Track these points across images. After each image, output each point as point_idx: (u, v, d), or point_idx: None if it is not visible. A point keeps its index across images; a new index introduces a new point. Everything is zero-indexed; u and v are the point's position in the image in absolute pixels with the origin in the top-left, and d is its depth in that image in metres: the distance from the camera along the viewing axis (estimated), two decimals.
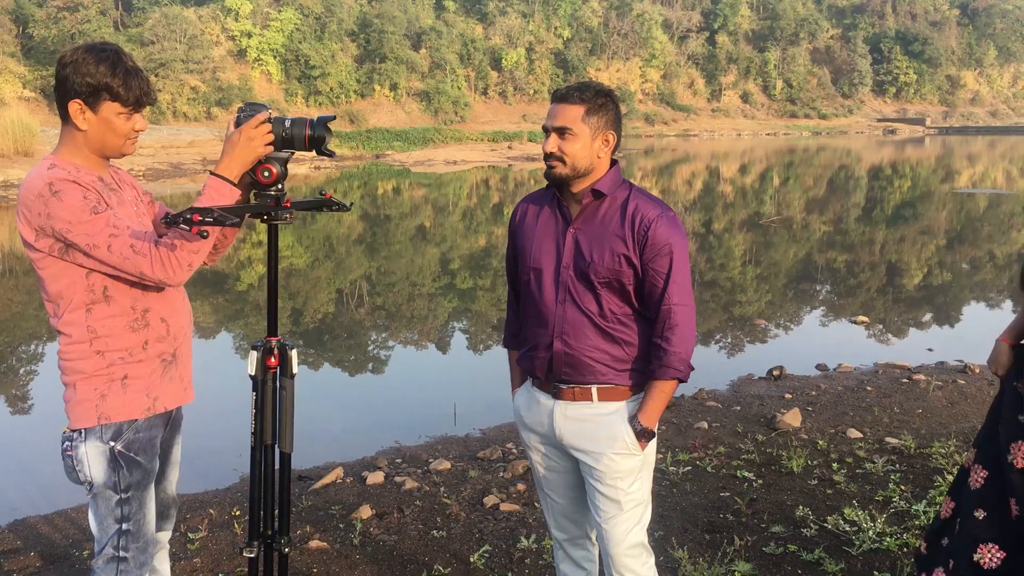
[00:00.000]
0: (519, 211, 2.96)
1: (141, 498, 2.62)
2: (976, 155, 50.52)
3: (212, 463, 5.87)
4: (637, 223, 2.67)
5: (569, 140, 2.67)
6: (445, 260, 16.39)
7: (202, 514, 4.83)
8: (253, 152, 2.47)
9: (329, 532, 4.49)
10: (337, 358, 9.72)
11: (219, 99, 54.78)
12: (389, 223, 21.57)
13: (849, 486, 4.94)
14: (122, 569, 2.62)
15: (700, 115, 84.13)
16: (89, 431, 2.52)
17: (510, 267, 3.04)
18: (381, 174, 36.08)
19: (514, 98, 74.48)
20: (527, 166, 39.25)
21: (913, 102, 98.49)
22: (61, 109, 2.48)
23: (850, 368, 8.30)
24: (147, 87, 2.51)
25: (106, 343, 2.52)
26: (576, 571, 3.09)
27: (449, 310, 12.10)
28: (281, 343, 2.63)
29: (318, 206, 2.60)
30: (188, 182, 30.00)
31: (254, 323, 11.03)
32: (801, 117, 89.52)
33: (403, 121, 61.47)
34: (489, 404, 7.19)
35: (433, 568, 4.03)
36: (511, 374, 3.11)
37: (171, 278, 2.43)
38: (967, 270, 15.42)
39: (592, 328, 2.73)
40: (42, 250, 2.44)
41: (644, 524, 2.84)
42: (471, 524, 4.60)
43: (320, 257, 16.70)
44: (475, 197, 28.94)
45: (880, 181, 34.80)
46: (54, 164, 2.46)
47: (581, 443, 2.79)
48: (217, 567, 4.11)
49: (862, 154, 52.83)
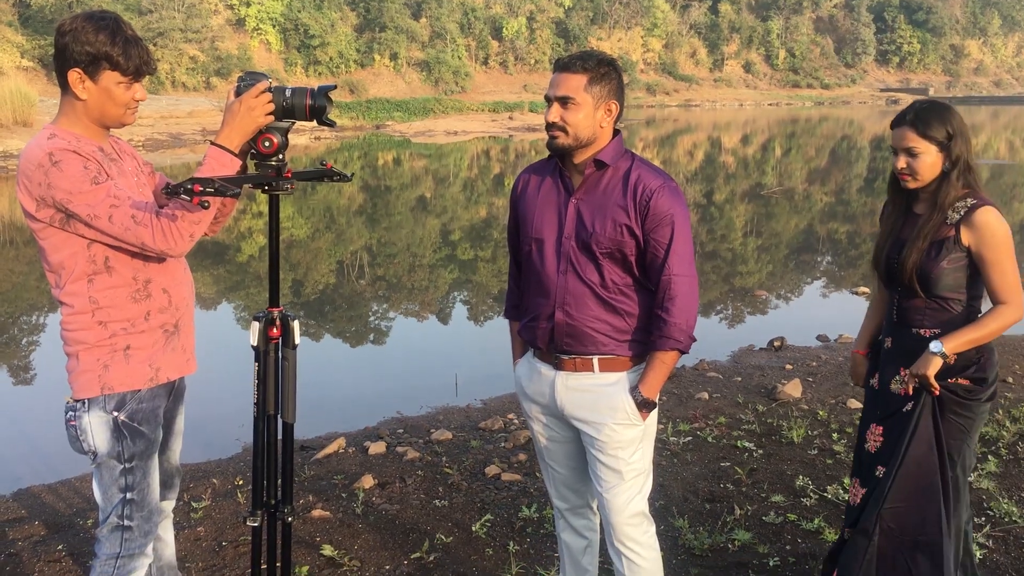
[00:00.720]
0: (520, 182, 2.95)
1: (145, 468, 2.63)
2: (979, 125, 50.27)
3: (214, 433, 5.90)
4: (639, 193, 2.66)
5: (572, 110, 2.65)
6: (446, 231, 16.36)
7: (205, 484, 4.86)
8: (254, 122, 2.46)
9: (332, 501, 4.52)
10: (338, 329, 9.74)
11: (218, 69, 54.38)
12: (389, 194, 21.52)
13: (849, 456, 4.96)
14: (126, 538, 2.64)
15: (702, 85, 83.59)
16: (92, 401, 2.53)
17: (511, 238, 3.03)
18: (381, 145, 35.95)
19: (515, 68, 73.95)
20: (528, 136, 39.09)
21: (916, 72, 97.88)
22: (60, 78, 2.47)
23: (851, 339, 8.31)
24: (147, 56, 2.49)
25: (108, 314, 2.52)
26: (577, 540, 3.12)
27: (450, 281, 12.10)
28: (283, 314, 2.63)
29: (319, 176, 2.60)
30: (187, 152, 29.89)
31: (255, 294, 11.03)
32: (804, 87, 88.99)
33: (403, 91, 61.11)
34: (490, 375, 7.21)
35: (435, 537, 4.06)
36: (512, 345, 3.11)
37: (173, 249, 2.43)
38: None
39: (594, 299, 2.73)
40: (43, 220, 2.43)
41: (645, 493, 2.86)
42: (473, 494, 4.63)
43: (320, 228, 16.68)
44: (476, 168, 28.85)
45: (882, 151, 34.64)
46: (54, 134, 2.44)
47: (582, 413, 2.80)
48: (221, 536, 4.14)
49: (864, 124, 52.59)
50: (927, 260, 2.86)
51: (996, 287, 2.83)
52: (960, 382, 2.86)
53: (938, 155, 2.86)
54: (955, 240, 2.84)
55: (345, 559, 3.83)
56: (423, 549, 3.92)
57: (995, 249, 2.81)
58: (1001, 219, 2.83)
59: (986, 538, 3.91)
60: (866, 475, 3.05)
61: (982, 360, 2.88)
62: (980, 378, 2.88)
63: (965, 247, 2.84)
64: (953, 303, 2.88)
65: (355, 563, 3.82)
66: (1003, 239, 2.81)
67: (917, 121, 2.86)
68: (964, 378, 2.87)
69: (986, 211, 2.82)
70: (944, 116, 2.85)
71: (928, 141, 2.85)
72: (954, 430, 2.87)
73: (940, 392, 2.84)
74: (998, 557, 3.76)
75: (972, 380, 2.87)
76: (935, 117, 2.85)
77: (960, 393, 2.86)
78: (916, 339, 2.92)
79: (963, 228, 2.83)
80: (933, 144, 2.85)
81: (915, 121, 2.87)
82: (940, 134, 2.84)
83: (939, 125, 2.84)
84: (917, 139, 2.86)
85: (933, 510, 2.83)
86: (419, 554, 3.88)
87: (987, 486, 4.44)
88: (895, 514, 2.87)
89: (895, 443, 2.92)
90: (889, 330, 3.06)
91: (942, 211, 2.86)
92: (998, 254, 2.81)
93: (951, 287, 2.86)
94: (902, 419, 2.92)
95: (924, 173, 2.87)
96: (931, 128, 2.84)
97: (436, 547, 3.97)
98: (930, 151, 2.86)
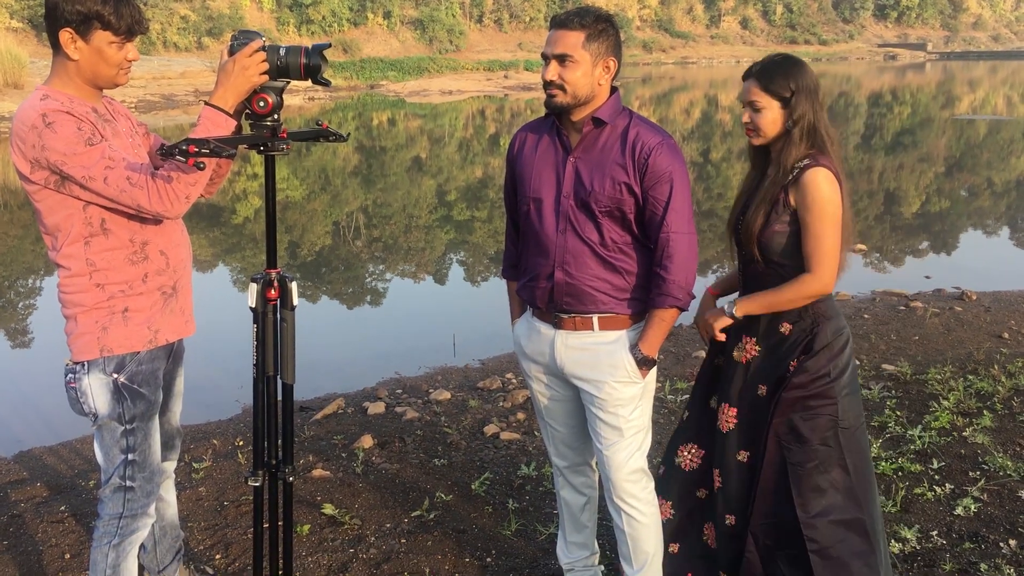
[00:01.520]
0: (517, 140, 2.93)
1: (146, 429, 2.64)
2: (977, 80, 49.98)
3: (214, 394, 5.91)
4: (638, 151, 2.65)
5: (570, 67, 2.63)
6: (442, 192, 16.30)
7: (205, 444, 4.89)
8: (248, 81, 2.43)
9: (332, 461, 4.55)
10: (335, 290, 9.74)
11: (210, 28, 53.76)
12: (385, 155, 21.41)
13: None
14: (129, 498, 2.66)
15: (699, 42, 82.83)
16: (92, 363, 2.53)
17: (508, 198, 3.02)
18: (376, 105, 35.69)
19: (510, 26, 73.19)
20: (523, 95, 38.81)
21: (915, 27, 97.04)
22: (52, 38, 2.44)
23: (848, 296, 8.32)
24: (139, 15, 2.46)
25: (106, 276, 2.52)
26: (577, 497, 3.14)
27: (446, 241, 12.08)
28: (281, 275, 2.63)
29: (315, 136, 2.58)
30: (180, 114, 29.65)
31: (251, 256, 11.02)
32: (801, 43, 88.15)
33: (397, 50, 60.52)
34: (488, 335, 7.23)
35: (435, 495, 4.09)
36: (510, 305, 3.12)
37: (169, 210, 2.41)
38: (965, 197, 15.39)
39: (593, 257, 2.73)
40: (38, 182, 2.41)
41: (644, 450, 2.88)
42: (472, 452, 4.66)
43: (316, 189, 16.61)
44: (471, 128, 28.67)
45: (880, 108, 34.49)
46: (47, 95, 2.42)
47: (582, 372, 2.81)
48: (222, 496, 4.17)
49: (862, 80, 52.27)
50: (764, 224, 2.74)
51: (806, 253, 2.68)
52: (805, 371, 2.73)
53: (780, 111, 2.71)
54: (784, 203, 2.71)
55: (346, 518, 3.86)
56: (423, 507, 3.95)
57: (812, 212, 2.65)
58: (831, 182, 2.65)
59: (981, 492, 3.95)
60: (708, 443, 2.98)
61: (816, 332, 2.74)
62: (819, 351, 2.73)
63: (792, 209, 2.70)
64: (788, 269, 2.74)
65: (356, 521, 3.85)
66: (824, 203, 2.64)
67: (761, 74, 2.73)
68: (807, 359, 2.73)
69: (814, 172, 2.65)
70: (790, 72, 2.70)
71: (770, 96, 2.71)
72: (819, 425, 2.73)
73: (788, 395, 2.72)
74: (992, 510, 3.80)
75: (810, 355, 2.73)
76: (779, 72, 2.71)
77: (805, 384, 2.72)
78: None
79: (790, 189, 2.70)
80: (776, 100, 2.71)
81: (759, 74, 2.73)
82: (783, 90, 2.69)
83: (783, 80, 2.69)
84: (760, 93, 2.72)
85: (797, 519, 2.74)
86: (419, 512, 3.92)
87: (982, 440, 4.48)
88: (765, 529, 2.81)
89: (753, 441, 2.83)
90: (739, 297, 2.92)
91: (784, 172, 2.72)
92: (814, 218, 2.65)
93: (784, 253, 2.73)
94: (758, 417, 2.81)
95: (766, 129, 2.74)
96: (774, 83, 2.70)
97: (436, 505, 4.00)
98: (772, 106, 2.71)
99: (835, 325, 2.78)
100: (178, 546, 3.13)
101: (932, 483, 4.06)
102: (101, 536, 2.68)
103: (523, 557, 3.57)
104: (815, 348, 2.73)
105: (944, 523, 3.71)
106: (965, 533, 3.62)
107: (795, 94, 2.69)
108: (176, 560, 3.12)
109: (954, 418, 4.78)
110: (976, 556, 3.44)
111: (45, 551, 3.66)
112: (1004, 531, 3.63)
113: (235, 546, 3.68)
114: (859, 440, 2.82)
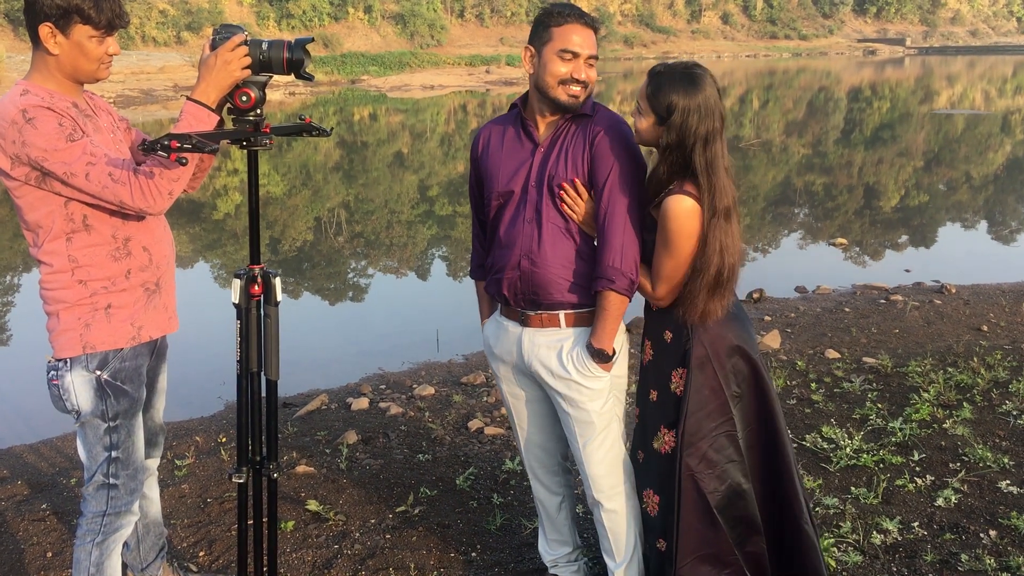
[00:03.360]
0: (482, 138, 2.93)
1: (129, 426, 2.63)
2: (955, 75, 50.33)
3: (196, 391, 5.89)
4: (590, 133, 2.69)
5: (594, 67, 2.70)
6: (424, 187, 16.27)
7: (188, 441, 4.86)
8: (230, 76, 2.42)
9: (316, 457, 4.54)
10: (317, 286, 9.70)
11: (189, 23, 53.41)
12: (366, 150, 21.34)
13: (827, 405, 5.03)
14: (112, 496, 2.64)
15: (680, 37, 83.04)
16: (74, 360, 2.51)
17: (474, 196, 3.01)
18: (357, 100, 35.56)
19: (491, 21, 73.14)
20: (505, 90, 38.78)
21: (894, 22, 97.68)
22: (31, 33, 2.41)
23: (828, 290, 8.38)
24: (119, 9, 2.44)
25: (88, 272, 2.50)
26: (551, 497, 3.14)
27: (428, 237, 12.07)
28: (264, 271, 2.62)
29: (298, 131, 2.57)
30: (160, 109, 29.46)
31: (232, 252, 10.96)
32: (781, 38, 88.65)
33: (378, 45, 60.35)
34: (471, 330, 7.19)
35: (419, 490, 4.09)
36: (479, 304, 3.11)
37: (151, 206, 2.39)
38: (944, 191, 15.50)
39: (558, 243, 2.73)
40: (18, 179, 2.39)
41: (619, 444, 2.88)
42: (456, 448, 4.66)
43: (297, 185, 16.54)
44: (453, 123, 28.62)
45: (859, 103, 34.68)
46: (27, 90, 2.39)
47: (548, 369, 2.81)
48: (205, 492, 4.15)
49: (842, 75, 52.51)
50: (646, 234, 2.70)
51: (652, 266, 2.67)
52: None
53: (656, 126, 2.60)
54: (653, 220, 2.67)
55: (330, 514, 3.85)
56: (408, 503, 3.95)
57: (660, 237, 2.61)
58: (687, 214, 2.55)
59: (961, 483, 3.98)
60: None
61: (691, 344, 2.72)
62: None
63: (654, 222, 2.66)
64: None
65: (340, 517, 3.84)
66: (670, 234, 2.58)
67: (651, 80, 2.61)
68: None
69: (674, 200, 2.56)
70: (677, 88, 2.53)
71: (649, 105, 2.60)
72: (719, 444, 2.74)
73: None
74: (973, 501, 3.83)
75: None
76: (666, 85, 2.55)
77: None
78: (649, 310, 2.86)
79: (653, 211, 2.66)
80: (653, 112, 2.59)
81: (650, 79, 2.61)
82: (660, 107, 2.56)
83: (664, 96, 2.54)
84: (643, 96, 2.62)
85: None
86: (404, 507, 3.91)
87: (962, 432, 4.52)
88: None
89: (643, 442, 2.88)
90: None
91: (651, 191, 2.68)
92: (660, 243, 2.62)
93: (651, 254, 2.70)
94: (647, 419, 2.85)
95: (642, 134, 2.66)
96: (657, 95, 2.56)
97: (420, 500, 4.00)
98: (649, 116, 2.61)
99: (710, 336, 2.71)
100: (161, 543, 3.11)
101: (913, 475, 4.09)
102: (84, 534, 2.66)
103: (508, 551, 3.57)
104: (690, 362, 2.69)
105: (925, 514, 3.74)
106: (946, 524, 3.65)
107: (673, 114, 2.54)
108: (159, 558, 3.11)
109: (934, 410, 4.82)
110: (957, 547, 3.47)
111: (27, 549, 3.63)
112: (984, 522, 3.66)
113: (219, 543, 3.66)
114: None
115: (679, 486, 2.71)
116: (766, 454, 2.80)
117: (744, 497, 2.75)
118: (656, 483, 2.82)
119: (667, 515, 2.77)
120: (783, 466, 2.80)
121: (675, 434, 2.72)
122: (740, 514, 2.76)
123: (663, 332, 2.79)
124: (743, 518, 2.76)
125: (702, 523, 2.73)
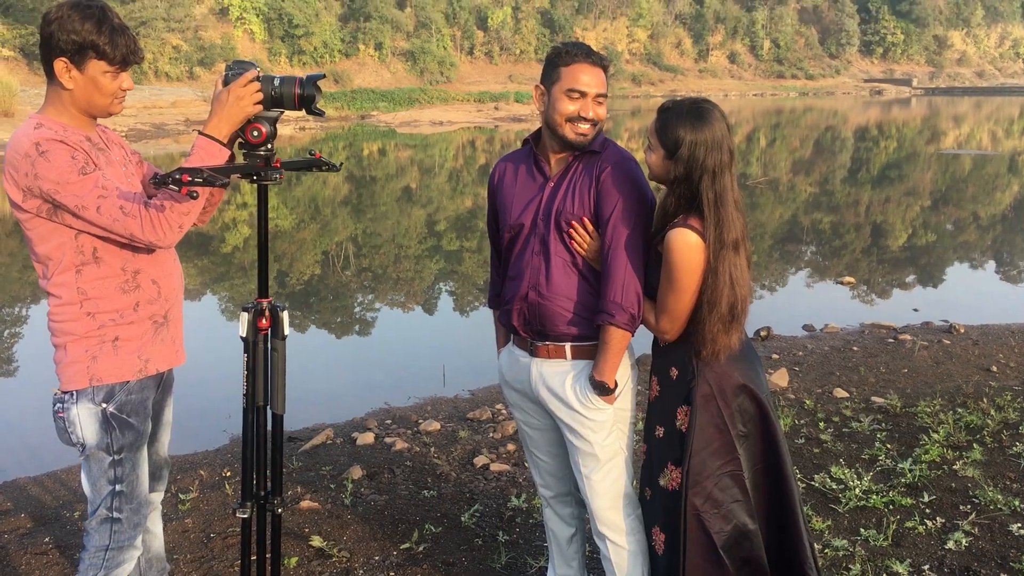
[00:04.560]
0: (497, 171, 3.00)
1: (134, 459, 2.62)
2: (962, 116, 50.52)
3: (201, 425, 5.87)
4: (598, 168, 2.72)
5: (603, 105, 2.72)
6: (431, 221, 16.33)
7: (192, 475, 4.84)
8: (242, 111, 2.44)
9: (320, 492, 4.51)
10: (324, 320, 9.71)
11: (201, 59, 53.95)
12: (375, 184, 21.45)
13: (836, 445, 4.99)
14: (116, 530, 2.62)
15: (687, 76, 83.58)
16: (81, 393, 2.51)
17: (491, 228, 3.08)
18: (367, 135, 35.80)
19: (500, 58, 73.75)
20: (513, 127, 39.02)
21: (900, 62, 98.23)
22: (46, 67, 2.44)
23: (836, 328, 8.35)
24: (134, 45, 2.46)
25: (97, 304, 2.50)
26: (564, 528, 3.13)
27: (436, 271, 12.08)
28: (272, 304, 2.62)
29: (308, 166, 2.58)
30: (171, 143, 29.69)
31: (240, 285, 10.98)
32: (788, 77, 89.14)
33: (388, 81, 60.87)
34: (478, 365, 7.21)
35: (424, 527, 4.06)
36: (496, 334, 3.14)
37: (162, 240, 2.41)
38: (951, 231, 15.49)
39: (564, 276, 2.76)
40: (30, 211, 2.40)
41: (625, 478, 2.86)
42: (461, 484, 4.62)
43: (306, 219, 16.61)
44: (461, 158, 28.78)
45: (866, 142, 34.79)
46: (41, 123, 2.42)
47: (555, 400, 2.83)
48: (209, 527, 4.12)
49: (848, 115, 52.75)
50: (652, 267, 2.72)
51: (657, 299, 2.69)
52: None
53: (664, 160, 2.62)
54: (658, 255, 2.68)
55: (334, 550, 3.82)
56: (412, 540, 3.91)
57: (664, 271, 2.63)
58: (690, 248, 2.56)
59: (972, 525, 3.94)
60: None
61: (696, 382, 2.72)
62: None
63: (659, 255, 2.67)
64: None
65: (344, 554, 3.81)
66: (673, 268, 2.59)
67: (659, 116, 2.64)
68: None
69: (678, 233, 2.57)
70: (684, 123, 2.57)
71: (658, 139, 2.63)
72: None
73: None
74: (983, 545, 3.79)
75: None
76: (674, 119, 2.59)
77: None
78: (656, 346, 2.85)
79: (658, 245, 2.67)
80: (662, 147, 2.62)
81: (659, 114, 2.65)
82: (669, 141, 2.59)
83: (673, 131, 2.58)
84: (652, 132, 2.66)
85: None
86: (408, 545, 3.88)
87: (972, 474, 4.47)
88: None
89: (649, 479, 2.85)
90: None
91: (658, 224, 2.68)
92: (664, 277, 2.63)
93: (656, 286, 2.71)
94: (654, 456, 2.84)
95: (652, 169, 2.69)
96: (665, 130, 2.60)
97: (425, 538, 3.96)
98: (658, 151, 2.64)
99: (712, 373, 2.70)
100: None
101: (923, 516, 4.05)
102: (87, 568, 2.64)
103: None
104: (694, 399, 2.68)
105: (936, 557, 3.70)
106: (957, 567, 3.60)
107: (680, 148, 2.56)
108: None
109: (944, 451, 4.78)
110: None
111: None
112: (995, 565, 3.61)
113: None
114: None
115: (684, 525, 2.69)
116: (772, 495, 2.77)
117: (750, 538, 2.72)
118: (662, 520, 2.80)
119: (673, 554, 2.74)
120: (788, 508, 2.77)
121: (681, 471, 2.70)
122: (746, 555, 2.73)
123: (669, 368, 2.78)
124: (750, 559, 2.73)
125: (708, 563, 2.70)
